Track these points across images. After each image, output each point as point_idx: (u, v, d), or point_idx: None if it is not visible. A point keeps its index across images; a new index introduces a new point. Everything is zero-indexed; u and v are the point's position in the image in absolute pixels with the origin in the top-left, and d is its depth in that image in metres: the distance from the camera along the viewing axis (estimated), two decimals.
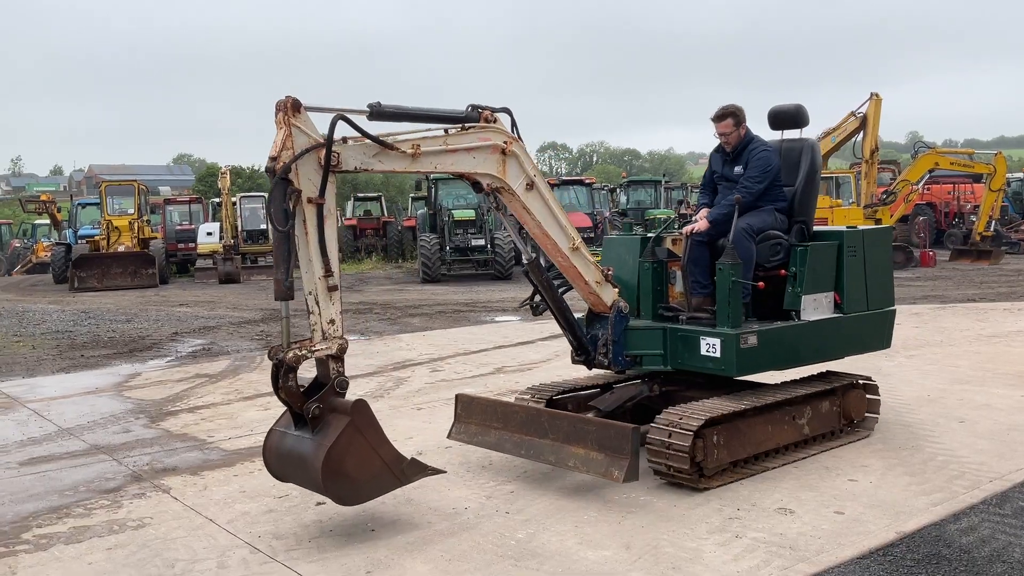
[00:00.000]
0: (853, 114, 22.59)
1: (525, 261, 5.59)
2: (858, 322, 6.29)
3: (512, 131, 5.20)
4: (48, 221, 36.69)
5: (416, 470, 4.77)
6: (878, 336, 6.56)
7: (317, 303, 4.43)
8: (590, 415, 5.70)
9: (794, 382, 6.21)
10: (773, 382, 6.16)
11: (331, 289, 4.44)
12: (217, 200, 31.06)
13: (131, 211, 26.05)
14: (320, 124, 4.38)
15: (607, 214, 28.01)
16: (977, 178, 27.68)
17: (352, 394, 8.39)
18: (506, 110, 5.21)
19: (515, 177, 5.18)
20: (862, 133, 22.49)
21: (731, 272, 5.55)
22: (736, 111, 6.16)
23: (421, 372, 9.62)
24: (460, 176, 5.13)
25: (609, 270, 5.82)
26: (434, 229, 24.55)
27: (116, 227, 25.03)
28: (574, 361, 6.01)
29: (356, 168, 4.49)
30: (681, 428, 5.17)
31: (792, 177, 6.33)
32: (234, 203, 28.25)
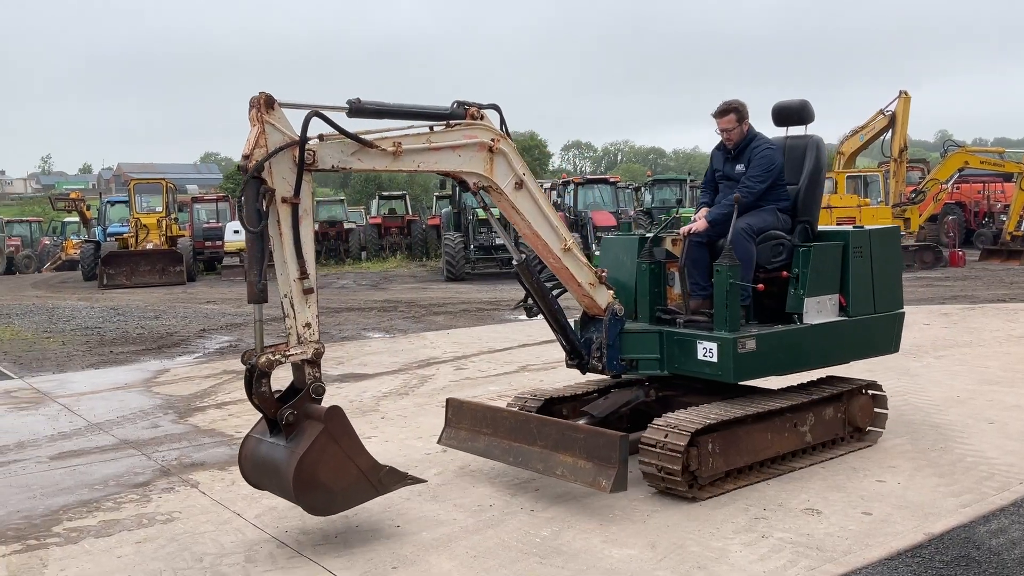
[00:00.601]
0: (882, 112, 22.40)
1: (515, 263, 5.40)
2: (864, 325, 6.04)
3: (501, 129, 5.06)
4: (77, 219, 37.20)
5: (394, 479, 4.62)
6: (885, 340, 6.30)
7: (292, 306, 4.31)
8: (582, 421, 5.56)
9: (797, 387, 6.02)
10: (775, 387, 5.99)
11: (307, 292, 4.32)
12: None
13: (159, 209, 26.35)
14: (297, 121, 4.28)
15: (632, 213, 27.96)
16: (1007, 177, 27.36)
17: (379, 392, 8.52)
18: (494, 107, 5.08)
19: (503, 176, 5.05)
20: (891, 131, 22.32)
21: (729, 274, 5.34)
22: (739, 107, 5.99)
23: (446, 370, 9.65)
24: (446, 175, 5.00)
25: (603, 271, 5.64)
26: (458, 228, 24.61)
27: (144, 225, 25.33)
28: (568, 365, 5.83)
29: (333, 167, 4.39)
30: (674, 436, 5.01)
31: (796, 175, 6.11)
32: None
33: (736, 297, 5.40)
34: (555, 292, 5.58)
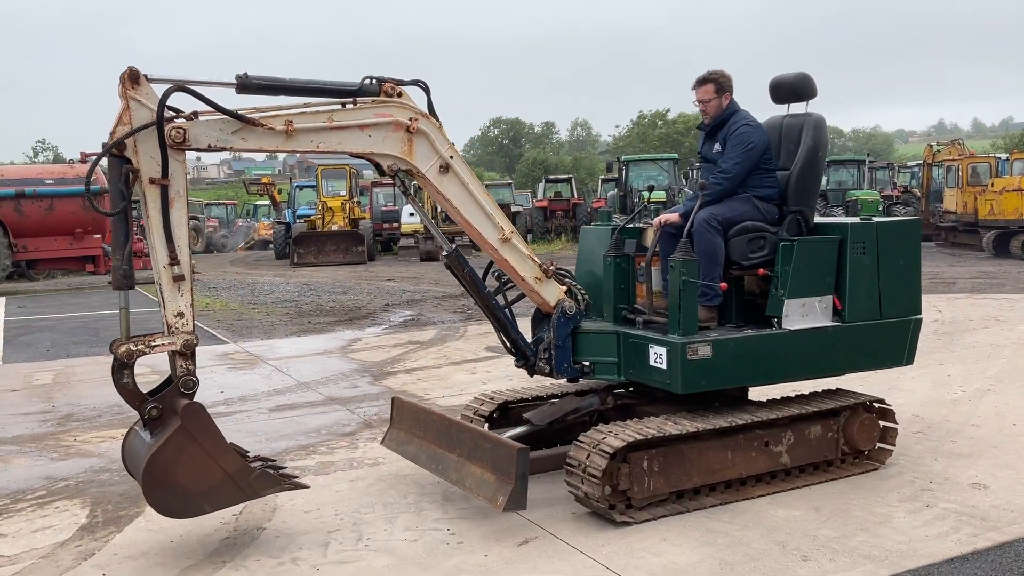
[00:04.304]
0: None
1: (444, 254, 4.96)
2: (863, 333, 5.23)
3: (428, 109, 4.63)
4: (268, 202, 40.04)
5: (267, 484, 4.29)
6: (894, 350, 5.39)
7: (162, 294, 4.04)
8: (519, 429, 5.18)
9: (782, 400, 5.35)
10: (760, 399, 5.38)
11: (177, 279, 4.02)
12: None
13: (343, 193, 28.03)
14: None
15: None
16: None
17: None
18: (419, 83, 4.62)
19: (425, 159, 4.60)
20: None
21: (683, 270, 4.69)
22: (719, 78, 5.35)
23: None
24: (357, 156, 4.60)
25: (551, 264, 5.12)
26: (624, 210, 24.89)
27: (330, 208, 27.07)
28: (516, 366, 5.30)
29: (210, 146, 4.08)
30: (599, 451, 4.51)
31: (791, 159, 5.40)
32: None
33: (692, 296, 4.77)
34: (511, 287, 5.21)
